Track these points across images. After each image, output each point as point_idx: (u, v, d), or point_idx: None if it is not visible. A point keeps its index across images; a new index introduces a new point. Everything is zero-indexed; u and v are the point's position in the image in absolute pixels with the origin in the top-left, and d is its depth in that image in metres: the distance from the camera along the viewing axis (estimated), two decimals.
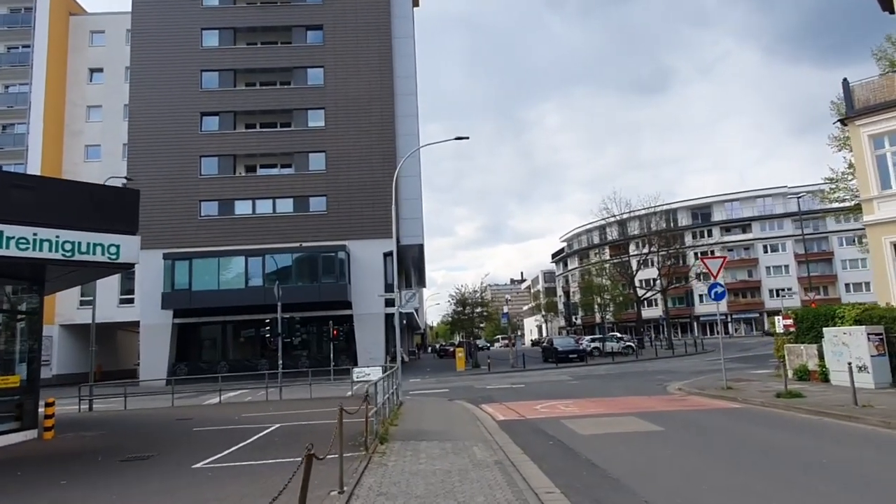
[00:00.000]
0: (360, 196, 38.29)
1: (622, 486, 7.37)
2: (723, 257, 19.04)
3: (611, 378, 25.75)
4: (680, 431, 11.41)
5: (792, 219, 79.31)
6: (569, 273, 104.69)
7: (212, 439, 12.61)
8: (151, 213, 37.24)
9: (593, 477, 7.98)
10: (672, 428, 11.67)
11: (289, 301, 33.99)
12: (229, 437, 12.77)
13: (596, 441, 10.69)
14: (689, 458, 9.05)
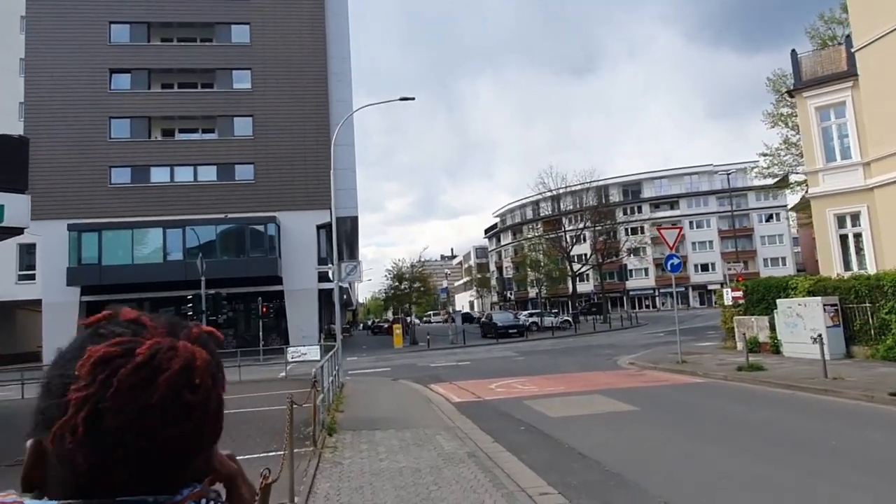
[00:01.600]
0: (291, 165, 35.84)
1: (627, 483, 6.24)
2: (679, 227, 18.52)
3: (557, 353, 25.09)
4: (656, 411, 10.51)
5: (716, 196, 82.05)
6: (502, 248, 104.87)
7: None
8: (53, 180, 33.59)
9: (588, 471, 6.82)
10: (646, 407, 10.76)
11: (214, 276, 31.49)
12: None
13: (571, 424, 9.60)
14: (682, 442, 8.07)
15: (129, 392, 0.57)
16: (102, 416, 0.57)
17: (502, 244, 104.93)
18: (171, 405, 0.58)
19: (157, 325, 0.64)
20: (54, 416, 0.59)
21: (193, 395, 0.58)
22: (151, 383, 0.58)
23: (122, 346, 0.60)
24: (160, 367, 0.59)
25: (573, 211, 63.11)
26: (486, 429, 9.56)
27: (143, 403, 0.57)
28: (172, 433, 0.58)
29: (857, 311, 15.63)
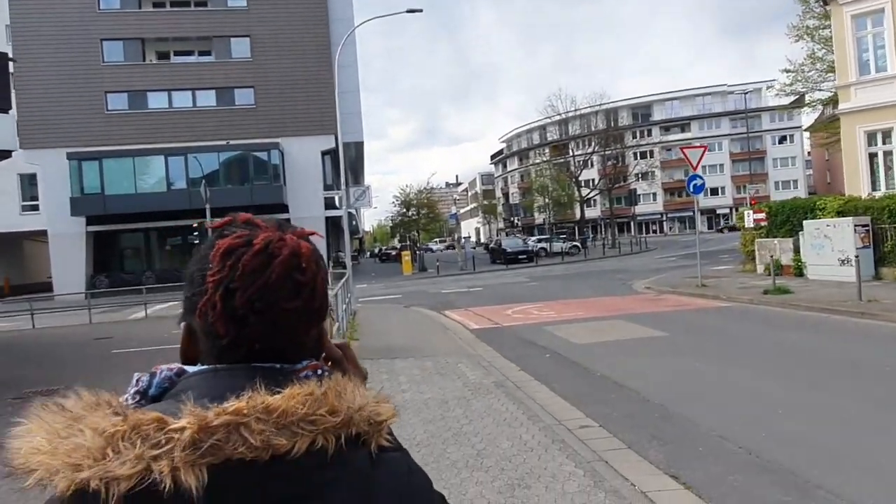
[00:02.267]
0: (292, 88, 34.46)
1: (672, 415, 5.84)
2: (703, 147, 17.60)
3: (570, 278, 24.75)
4: (685, 336, 10.11)
5: (729, 118, 79.81)
6: (508, 174, 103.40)
7: (135, 364, 10.40)
8: (47, 107, 32.56)
9: (627, 402, 6.43)
10: (674, 332, 10.36)
11: (218, 206, 30.77)
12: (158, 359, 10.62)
13: (599, 351, 9.22)
14: (720, 369, 7.64)
15: (251, 274, 0.69)
16: (233, 294, 0.69)
17: (508, 170, 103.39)
18: (284, 284, 0.70)
19: (268, 224, 0.76)
20: (198, 301, 0.72)
21: (302, 276, 0.70)
22: (268, 266, 0.70)
23: (243, 238, 0.72)
24: (273, 253, 0.71)
25: (582, 135, 61.52)
26: (510, 356, 9.20)
27: (262, 283, 0.69)
28: (287, 307, 0.70)
29: (889, 231, 15.02)
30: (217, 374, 0.71)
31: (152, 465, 0.57)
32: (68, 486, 0.58)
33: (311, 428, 0.63)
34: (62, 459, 0.58)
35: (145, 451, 0.58)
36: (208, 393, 0.65)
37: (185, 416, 0.60)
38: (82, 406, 0.64)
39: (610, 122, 62.79)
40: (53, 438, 0.60)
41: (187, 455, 0.58)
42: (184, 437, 0.58)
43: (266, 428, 0.61)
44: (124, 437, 0.59)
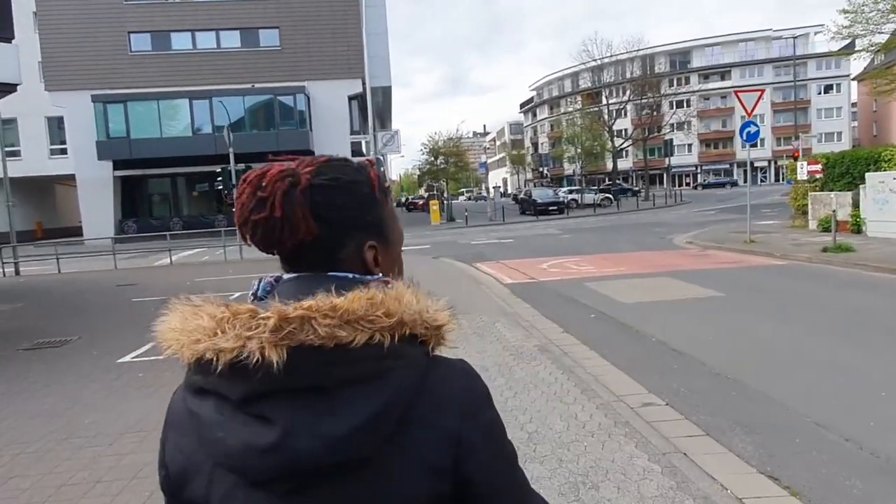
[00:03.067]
0: (318, 30, 33.19)
1: (751, 392, 5.06)
2: (760, 90, 16.23)
3: (604, 231, 23.75)
4: (745, 297, 9.23)
5: (773, 65, 75.89)
6: (538, 123, 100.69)
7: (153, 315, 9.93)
8: (72, 47, 31.91)
9: (693, 374, 5.66)
10: (732, 292, 9.48)
11: (244, 151, 30.20)
12: None
13: (650, 312, 8.42)
14: (797, 338, 6.78)
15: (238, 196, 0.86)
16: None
17: (538, 119, 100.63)
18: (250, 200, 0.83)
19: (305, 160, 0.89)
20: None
21: (262, 192, 0.82)
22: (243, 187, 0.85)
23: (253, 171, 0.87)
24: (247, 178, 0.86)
25: (616, 82, 58.98)
26: (551, 316, 8.46)
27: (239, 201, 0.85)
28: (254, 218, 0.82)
29: None
30: (300, 280, 0.84)
31: (246, 343, 0.73)
32: (191, 355, 0.77)
33: (369, 325, 0.75)
34: (187, 336, 0.78)
35: (242, 332, 0.74)
36: (294, 295, 0.78)
37: (271, 309, 0.74)
38: (202, 300, 0.82)
39: (646, 69, 59.92)
40: (183, 321, 0.80)
41: (271, 337, 0.72)
42: (269, 324, 0.73)
43: (331, 322, 0.74)
44: (228, 321, 0.75)
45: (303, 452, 0.74)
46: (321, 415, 0.75)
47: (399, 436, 0.76)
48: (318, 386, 0.75)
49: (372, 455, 0.76)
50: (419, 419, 0.78)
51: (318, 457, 0.74)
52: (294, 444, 0.74)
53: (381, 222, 0.89)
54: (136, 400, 5.48)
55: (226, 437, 0.76)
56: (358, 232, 0.86)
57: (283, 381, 0.73)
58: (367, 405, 0.75)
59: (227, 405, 0.77)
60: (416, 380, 0.78)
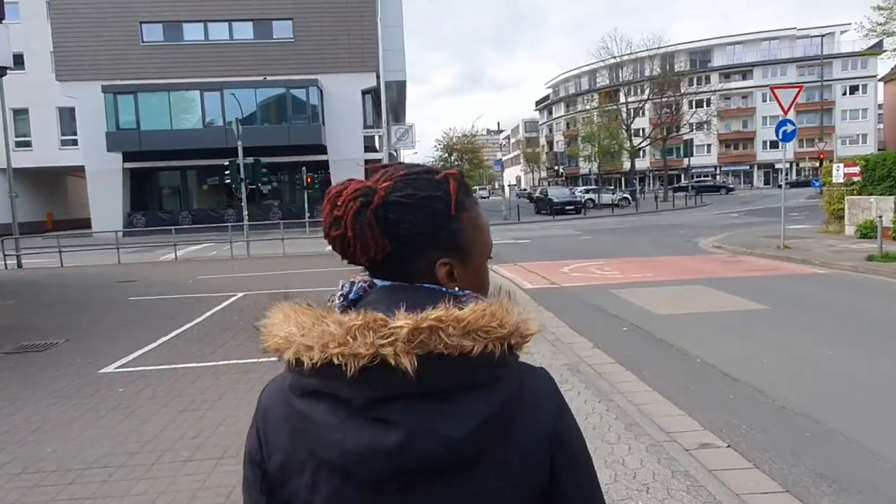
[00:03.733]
0: (333, 22, 32.52)
1: (835, 438, 4.26)
2: (798, 86, 15.29)
3: (625, 233, 22.88)
4: (793, 310, 8.38)
5: (797, 64, 74.23)
6: (553, 121, 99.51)
7: (148, 316, 9.33)
8: (81, 37, 31.48)
9: (754, 406, 4.86)
10: (777, 305, 8.64)
11: (255, 144, 29.63)
12: (173, 311, 9.51)
13: (688, 326, 7.61)
14: (876, 365, 5.94)
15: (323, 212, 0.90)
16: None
17: (554, 117, 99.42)
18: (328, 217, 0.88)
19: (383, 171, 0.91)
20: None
21: (337, 211, 0.86)
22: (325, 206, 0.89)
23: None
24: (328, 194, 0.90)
25: (635, 81, 57.85)
26: (578, 327, 7.69)
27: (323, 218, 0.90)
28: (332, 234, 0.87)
29: None
30: (394, 289, 0.87)
31: (380, 350, 0.77)
32: (320, 358, 0.79)
33: (485, 336, 0.80)
34: (315, 341, 0.80)
35: (375, 339, 0.77)
36: (389, 302, 0.82)
37: (401, 318, 0.78)
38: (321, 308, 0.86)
39: (666, 68, 58.71)
40: (303, 327, 0.82)
41: (404, 345, 0.77)
42: (402, 333, 0.77)
43: (456, 332, 0.78)
44: (360, 329, 0.78)
45: (423, 453, 0.78)
46: (441, 418, 0.79)
47: (504, 435, 0.82)
48: (438, 391, 0.79)
49: (482, 456, 0.81)
50: (521, 419, 0.83)
51: (437, 457, 0.79)
52: (416, 446, 0.78)
53: (457, 237, 0.89)
54: (106, 425, 4.78)
55: (344, 439, 0.79)
56: (431, 249, 0.88)
57: (409, 385, 0.77)
58: (483, 409, 0.80)
59: (341, 408, 0.80)
60: (518, 385, 0.85)
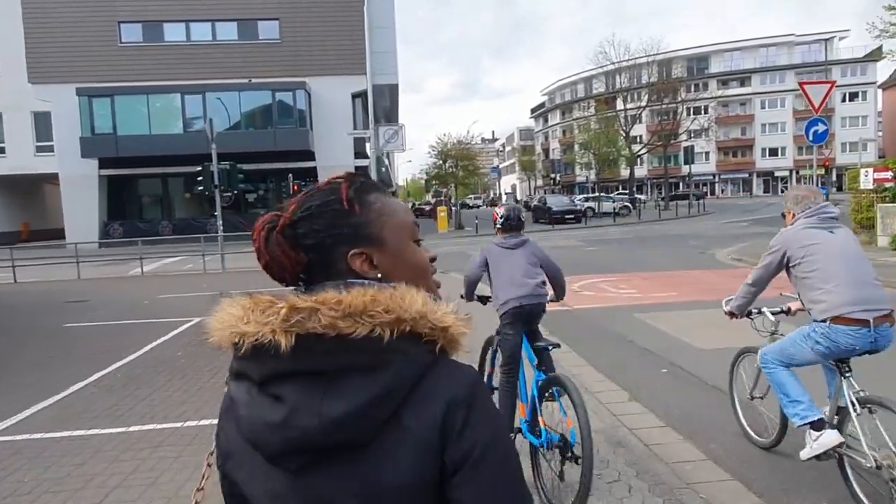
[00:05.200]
0: (321, 22, 31.04)
1: None
2: (831, 82, 13.83)
3: (632, 243, 21.36)
4: None
5: (795, 71, 73.28)
6: (549, 129, 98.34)
7: (75, 350, 7.69)
8: (58, 37, 29.86)
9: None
10: None
11: (238, 150, 28.16)
12: (109, 342, 7.88)
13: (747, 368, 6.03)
14: None
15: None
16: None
17: (549, 125, 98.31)
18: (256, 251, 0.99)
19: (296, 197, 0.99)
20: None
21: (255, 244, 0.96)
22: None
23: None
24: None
25: (633, 88, 56.66)
26: (604, 367, 6.10)
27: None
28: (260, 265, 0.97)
29: None
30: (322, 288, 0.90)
31: (262, 328, 0.83)
32: (221, 339, 0.89)
33: (369, 320, 0.83)
34: (223, 323, 0.89)
35: (262, 318, 0.85)
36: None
37: (285, 299, 0.85)
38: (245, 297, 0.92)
39: (663, 74, 57.56)
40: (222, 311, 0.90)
41: (282, 324, 0.83)
42: (281, 312, 0.83)
43: (334, 314, 0.83)
44: (252, 310, 0.86)
45: (304, 429, 0.83)
46: (323, 397, 0.83)
47: (396, 421, 0.84)
48: (322, 371, 0.84)
49: (369, 439, 0.84)
50: (412, 406, 0.84)
51: (317, 434, 0.83)
52: (298, 422, 0.83)
53: (361, 228, 0.94)
54: None
55: (247, 415, 0.87)
56: (340, 246, 0.93)
57: (291, 363, 0.83)
58: (364, 392, 0.83)
59: (253, 387, 0.87)
60: (415, 373, 0.85)
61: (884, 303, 3.28)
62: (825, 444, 3.28)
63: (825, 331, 3.28)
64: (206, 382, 5.80)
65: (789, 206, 3.71)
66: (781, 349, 3.64)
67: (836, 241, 3.41)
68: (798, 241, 3.47)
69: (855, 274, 3.30)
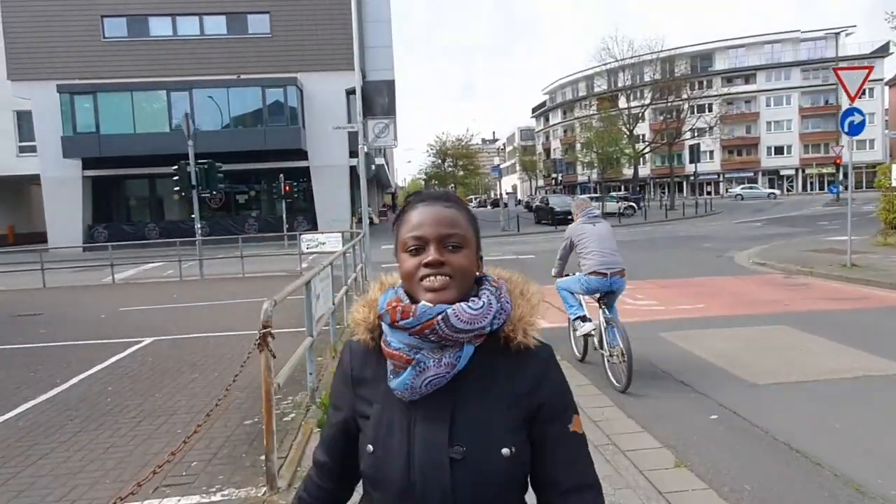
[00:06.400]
0: (314, 15, 29.73)
1: None
2: (868, 67, 12.51)
3: (643, 246, 20.02)
4: None
5: (801, 68, 71.92)
6: (550, 129, 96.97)
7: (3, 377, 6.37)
8: (37, 32, 28.58)
9: None
10: None
11: (226, 150, 26.97)
12: (35, 371, 6.56)
13: (823, 412, 4.69)
14: None
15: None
16: None
17: (550, 124, 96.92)
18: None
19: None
20: None
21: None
22: None
23: None
24: None
25: (636, 85, 55.26)
26: (635, 411, 4.77)
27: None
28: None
29: None
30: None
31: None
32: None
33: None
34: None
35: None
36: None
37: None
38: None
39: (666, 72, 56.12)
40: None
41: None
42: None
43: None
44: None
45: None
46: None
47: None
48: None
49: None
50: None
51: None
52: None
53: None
54: None
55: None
56: None
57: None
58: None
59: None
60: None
61: (618, 265, 5.67)
62: (585, 329, 5.86)
63: (586, 278, 5.68)
64: (122, 437, 4.48)
65: (574, 211, 6.27)
66: (567, 283, 5.99)
67: (596, 230, 5.82)
68: (576, 231, 5.96)
69: (602, 248, 5.66)
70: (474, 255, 1.14)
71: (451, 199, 1.17)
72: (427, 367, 1.06)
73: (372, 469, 1.10)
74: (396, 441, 1.09)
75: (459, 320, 1.05)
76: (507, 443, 1.06)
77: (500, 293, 1.13)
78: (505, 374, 1.12)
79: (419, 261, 1.10)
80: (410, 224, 1.13)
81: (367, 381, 1.18)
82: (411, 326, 1.06)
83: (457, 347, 1.08)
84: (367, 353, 1.19)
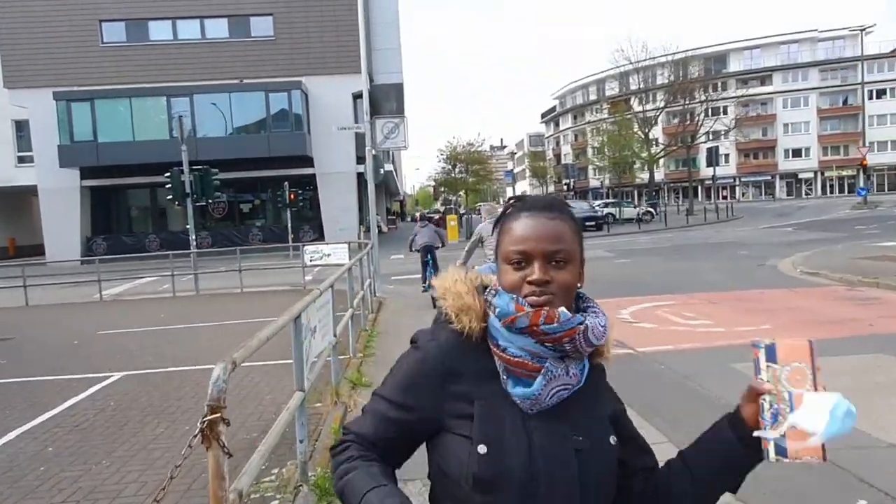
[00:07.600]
0: (319, 17, 28.70)
1: None
2: None
3: (670, 254, 18.62)
4: None
5: (819, 68, 70.23)
6: (560, 134, 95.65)
7: None
8: (33, 38, 27.70)
9: None
10: None
11: (229, 157, 25.92)
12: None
13: None
14: None
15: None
16: None
17: (561, 129, 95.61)
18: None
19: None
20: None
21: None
22: None
23: None
24: None
25: (650, 88, 53.89)
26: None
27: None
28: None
29: None
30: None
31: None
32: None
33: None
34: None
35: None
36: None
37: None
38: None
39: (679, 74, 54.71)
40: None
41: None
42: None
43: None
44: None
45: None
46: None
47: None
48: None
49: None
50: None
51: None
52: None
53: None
54: None
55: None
56: None
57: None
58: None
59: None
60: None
61: None
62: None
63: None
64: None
65: (484, 215, 9.03)
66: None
67: None
68: (485, 230, 7.68)
69: None
70: (578, 270, 1.08)
71: (555, 209, 1.09)
72: (555, 375, 1.03)
73: (489, 471, 1.00)
74: (513, 438, 1.03)
75: (594, 334, 1.04)
76: (611, 431, 1.09)
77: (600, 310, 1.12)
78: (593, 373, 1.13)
79: (523, 276, 1.05)
80: (513, 236, 1.07)
81: (464, 375, 1.08)
82: (553, 332, 1.00)
83: (579, 360, 1.06)
84: (464, 344, 1.08)
